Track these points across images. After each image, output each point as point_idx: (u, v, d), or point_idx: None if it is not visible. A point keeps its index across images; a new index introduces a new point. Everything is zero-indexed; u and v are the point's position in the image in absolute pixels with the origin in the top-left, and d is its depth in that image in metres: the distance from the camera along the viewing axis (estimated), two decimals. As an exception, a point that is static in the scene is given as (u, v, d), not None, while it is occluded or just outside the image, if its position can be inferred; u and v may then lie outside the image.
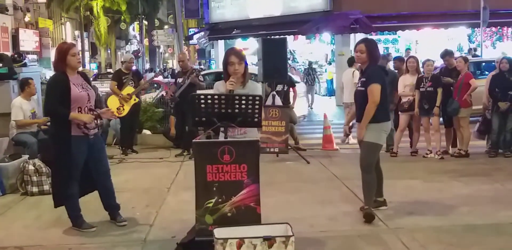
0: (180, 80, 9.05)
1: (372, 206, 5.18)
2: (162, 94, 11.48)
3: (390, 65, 9.71)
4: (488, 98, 8.44)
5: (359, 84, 5.22)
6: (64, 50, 4.85)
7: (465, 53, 17.98)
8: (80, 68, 5.17)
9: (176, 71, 15.59)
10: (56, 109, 4.82)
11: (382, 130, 5.20)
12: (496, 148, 8.37)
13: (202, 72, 10.16)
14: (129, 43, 56.32)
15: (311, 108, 17.03)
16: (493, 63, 10.39)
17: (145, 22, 45.73)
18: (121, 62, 10.13)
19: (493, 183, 6.64)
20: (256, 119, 4.32)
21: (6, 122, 7.55)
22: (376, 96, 5.04)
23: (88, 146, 4.92)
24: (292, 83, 9.73)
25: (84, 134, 4.86)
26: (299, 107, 11.08)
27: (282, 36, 14.30)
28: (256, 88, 4.66)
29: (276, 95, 8.75)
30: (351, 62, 10.19)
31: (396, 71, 9.20)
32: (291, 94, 9.67)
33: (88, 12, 39.02)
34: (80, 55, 5.62)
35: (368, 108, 5.05)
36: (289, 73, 10.52)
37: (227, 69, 4.50)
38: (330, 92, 21.46)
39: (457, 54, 14.54)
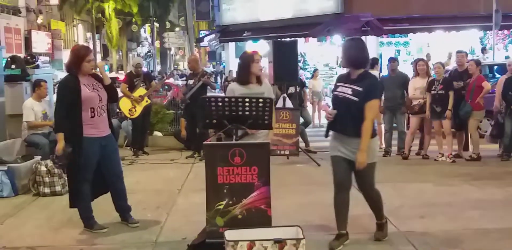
0: (190, 82, 9.08)
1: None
2: (173, 96, 11.53)
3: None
4: (500, 101, 8.39)
5: (349, 92, 4.36)
6: (81, 56, 4.87)
7: (477, 56, 17.85)
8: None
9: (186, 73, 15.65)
10: (63, 122, 4.88)
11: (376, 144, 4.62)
12: (508, 151, 8.31)
13: None
14: (140, 45, 56.55)
15: None
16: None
17: (157, 25, 45.92)
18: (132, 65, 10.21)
19: (505, 186, 6.59)
20: (266, 122, 4.34)
21: (19, 123, 7.61)
22: (376, 113, 4.39)
23: (100, 147, 4.94)
24: (303, 84, 9.80)
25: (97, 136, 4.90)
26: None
27: (293, 39, 14.27)
28: (270, 88, 5.12)
29: (287, 98, 8.75)
30: (372, 64, 9.92)
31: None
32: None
33: (100, 14, 39.22)
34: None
35: (368, 126, 4.30)
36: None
37: (249, 67, 4.84)
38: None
39: (469, 57, 14.43)
